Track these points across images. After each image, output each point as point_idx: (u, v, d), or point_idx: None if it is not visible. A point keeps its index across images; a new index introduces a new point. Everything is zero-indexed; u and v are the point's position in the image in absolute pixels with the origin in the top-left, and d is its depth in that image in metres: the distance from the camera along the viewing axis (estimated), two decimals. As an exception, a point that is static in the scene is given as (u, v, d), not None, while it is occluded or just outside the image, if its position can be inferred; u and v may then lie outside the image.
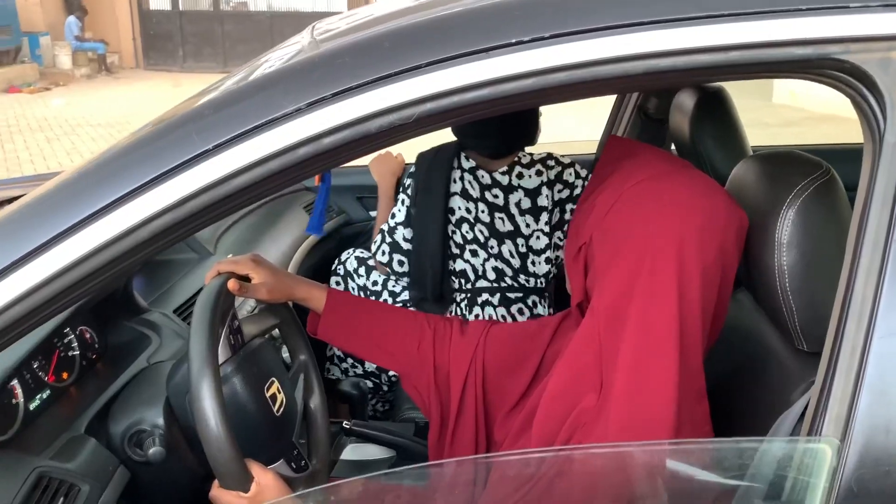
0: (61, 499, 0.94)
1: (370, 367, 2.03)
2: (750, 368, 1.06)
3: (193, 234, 0.80)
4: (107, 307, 1.36)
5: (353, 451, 1.56)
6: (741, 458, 0.75)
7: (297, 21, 14.71)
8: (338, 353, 2.08)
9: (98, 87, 12.65)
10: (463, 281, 1.84)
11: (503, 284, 1.83)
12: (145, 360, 1.29)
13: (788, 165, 0.95)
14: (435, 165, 1.83)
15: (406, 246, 1.89)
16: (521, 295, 1.84)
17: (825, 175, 0.91)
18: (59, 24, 13.76)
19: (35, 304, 0.73)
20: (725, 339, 1.16)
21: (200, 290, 1.55)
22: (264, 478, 0.99)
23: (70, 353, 1.26)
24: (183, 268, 1.62)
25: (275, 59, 0.92)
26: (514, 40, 0.72)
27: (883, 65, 0.70)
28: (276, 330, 1.26)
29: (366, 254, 2.05)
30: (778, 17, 0.71)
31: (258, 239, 1.97)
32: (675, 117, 1.81)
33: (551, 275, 1.88)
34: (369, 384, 1.99)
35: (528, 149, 1.88)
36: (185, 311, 1.47)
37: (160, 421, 1.09)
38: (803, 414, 0.80)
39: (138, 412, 1.10)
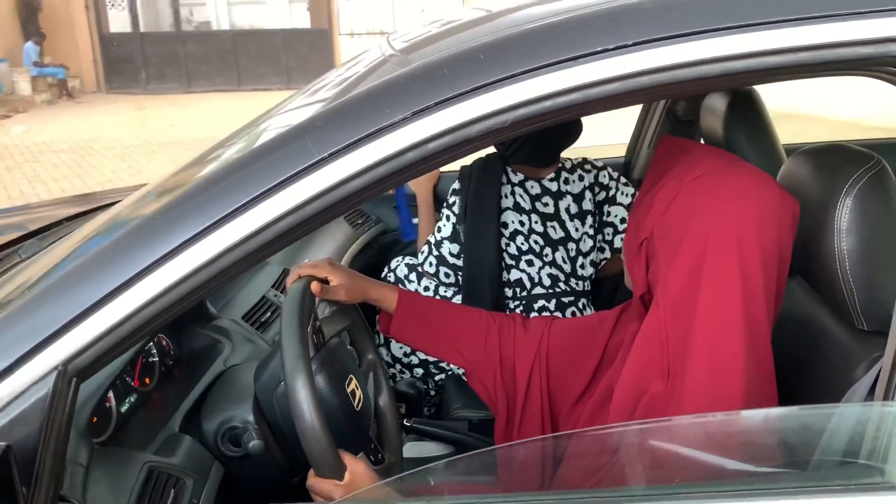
0: (172, 490, 1.00)
1: (417, 372, 2.09)
2: (809, 351, 1.12)
3: (309, 234, 0.86)
4: (181, 316, 1.42)
5: (411, 449, 1.62)
6: (820, 425, 0.81)
7: (261, 39, 14.74)
8: (385, 358, 2.14)
9: (59, 112, 12.58)
10: (518, 289, 1.89)
11: (557, 290, 1.88)
12: (222, 363, 1.35)
13: (843, 158, 1.01)
14: (484, 181, 1.87)
15: (452, 260, 1.94)
16: (572, 298, 1.90)
17: (877, 166, 0.98)
18: (17, 49, 13.69)
19: (172, 301, 0.80)
20: (781, 325, 1.22)
21: (263, 297, 1.63)
22: (356, 466, 1.05)
23: (150, 360, 1.33)
24: (243, 276, 1.69)
25: (356, 74, 0.99)
26: (599, 48, 0.79)
27: (941, 61, 0.76)
28: (346, 332, 1.33)
29: (415, 260, 2.10)
30: (842, 19, 0.77)
31: (304, 248, 2.04)
32: (707, 119, 1.88)
33: (593, 276, 1.94)
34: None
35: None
36: (251, 317, 1.54)
37: (250, 417, 1.15)
38: (873, 387, 0.87)
39: (229, 410, 1.17)
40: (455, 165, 2.48)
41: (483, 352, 1.27)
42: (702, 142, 2.00)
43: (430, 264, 1.98)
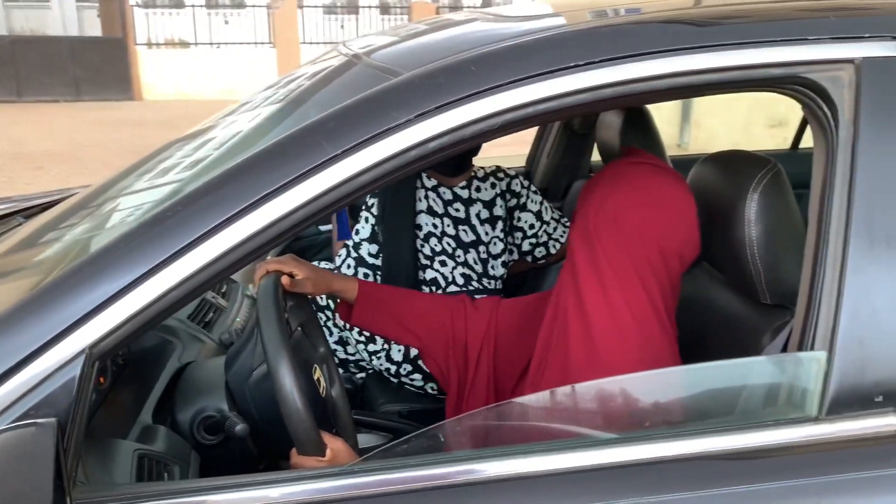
0: (165, 475, 1.04)
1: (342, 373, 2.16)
2: (717, 327, 1.32)
3: (318, 224, 0.95)
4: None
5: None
6: (742, 377, 0.99)
7: (45, 47, 13.50)
8: None
9: None
10: (434, 287, 2.01)
11: (470, 288, 2.02)
12: (177, 360, 1.39)
13: (746, 162, 1.21)
14: (400, 187, 1.98)
15: (371, 260, 2.03)
16: (485, 297, 2.04)
17: (775, 168, 1.18)
18: None
19: (193, 287, 0.86)
20: (689, 308, 1.42)
21: (203, 299, 1.66)
22: (335, 443, 1.13)
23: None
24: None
25: (312, 80, 1.09)
26: (572, 64, 0.93)
27: (833, 81, 0.96)
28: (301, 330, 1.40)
29: (330, 265, 2.18)
30: (761, 46, 0.96)
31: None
32: (603, 132, 2.09)
33: (504, 276, 2.09)
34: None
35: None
36: (196, 317, 1.57)
37: (224, 406, 1.20)
38: (784, 348, 1.06)
39: (201, 401, 1.21)
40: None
41: (436, 332, 1.39)
42: (595, 152, 2.21)
43: (348, 266, 2.05)
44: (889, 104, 0.95)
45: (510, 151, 2.69)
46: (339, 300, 1.42)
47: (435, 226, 2.01)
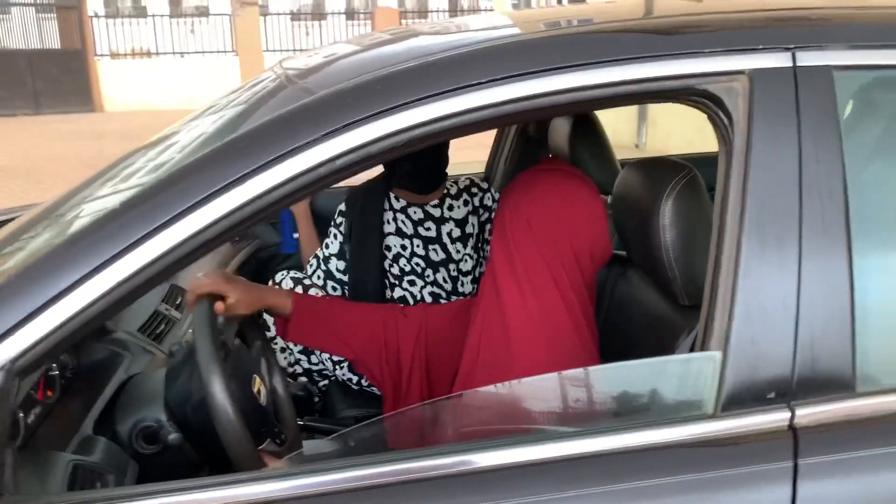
0: (98, 484, 1.08)
1: (302, 380, 2.18)
2: (646, 328, 1.36)
3: (242, 234, 0.99)
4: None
5: (307, 447, 1.74)
6: (648, 377, 1.03)
7: (2, 59, 13.13)
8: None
9: None
10: (402, 305, 2.04)
11: None
12: (124, 372, 1.42)
13: (663, 168, 1.26)
14: (368, 208, 2.00)
15: (339, 276, 2.05)
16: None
17: (690, 174, 1.23)
18: None
19: (110, 303, 0.90)
20: (622, 309, 1.46)
21: (156, 311, 1.70)
22: (275, 464, 1.18)
23: (51, 374, 1.37)
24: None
25: (255, 97, 1.13)
26: (474, 82, 0.97)
27: (727, 91, 1.01)
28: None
29: (300, 274, 2.18)
30: (657, 60, 1.00)
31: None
32: (554, 138, 2.14)
33: (474, 292, 2.12)
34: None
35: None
36: (147, 329, 1.61)
37: (163, 417, 1.24)
38: (692, 348, 1.10)
39: (140, 412, 1.25)
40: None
41: (369, 342, 1.43)
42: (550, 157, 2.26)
43: (318, 277, 2.08)
44: (779, 113, 0.99)
45: (468, 156, 2.73)
46: (276, 315, 1.45)
47: (404, 247, 2.02)
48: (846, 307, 0.97)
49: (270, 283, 2.23)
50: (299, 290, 2.14)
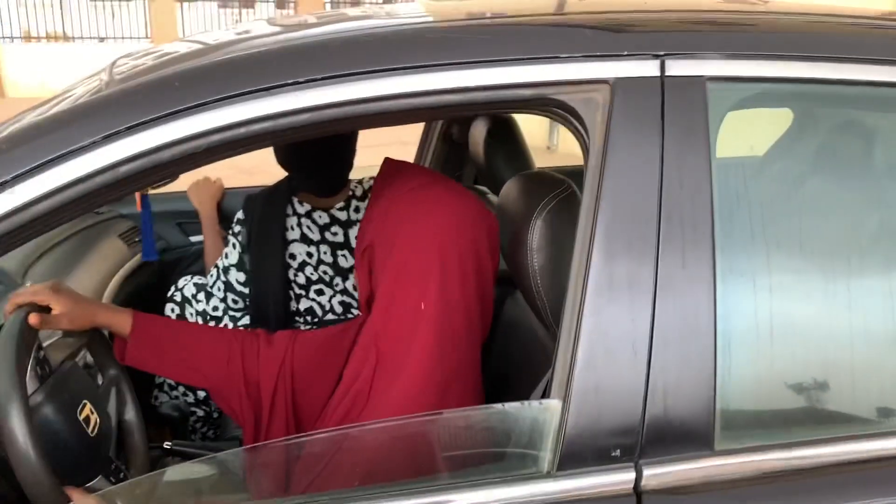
0: None
1: (202, 394, 2.05)
2: (526, 354, 1.24)
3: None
4: None
5: (176, 471, 1.60)
6: (498, 422, 0.91)
7: None
8: (169, 381, 2.07)
9: None
10: (310, 317, 1.89)
11: (350, 316, 1.91)
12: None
13: (539, 183, 1.13)
14: (268, 214, 1.85)
15: (239, 288, 1.92)
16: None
17: (567, 190, 1.10)
18: None
19: None
20: (508, 333, 1.34)
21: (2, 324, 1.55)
22: (83, 500, 1.03)
23: None
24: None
25: (77, 93, 0.99)
26: (290, 81, 0.84)
27: (585, 103, 0.88)
28: (86, 350, 1.30)
29: (203, 280, 2.05)
30: (508, 65, 0.87)
31: (71, 268, 1.94)
32: (472, 142, 2.01)
33: None
34: (200, 412, 2.01)
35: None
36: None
37: (-34, 448, 1.10)
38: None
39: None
40: (238, 183, 2.48)
41: (225, 371, 1.29)
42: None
43: (218, 289, 1.94)
44: (641, 129, 0.87)
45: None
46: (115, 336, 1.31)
47: (310, 254, 1.88)
48: (708, 352, 0.85)
49: (173, 288, 2.09)
50: (202, 296, 2.01)
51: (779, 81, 0.92)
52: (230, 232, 1.95)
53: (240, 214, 1.93)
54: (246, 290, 1.92)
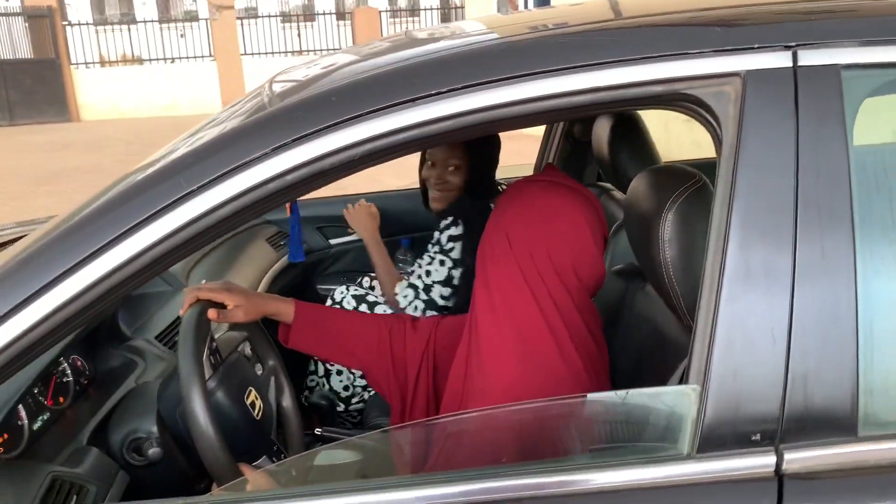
0: (74, 497, 1.09)
1: (337, 388, 2.17)
2: (656, 348, 1.26)
3: (182, 260, 0.97)
4: (95, 337, 1.51)
5: (324, 456, 1.72)
6: (636, 406, 0.95)
7: None
8: (326, 392, 2.17)
9: None
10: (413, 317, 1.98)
11: None
12: (133, 380, 1.44)
13: (670, 176, 1.15)
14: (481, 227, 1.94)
15: (442, 303, 1.96)
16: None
17: (698, 183, 1.12)
18: None
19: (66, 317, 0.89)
20: (638, 327, 1.37)
21: (178, 318, 1.72)
22: (255, 476, 1.16)
23: (65, 380, 1.41)
24: (160, 299, 1.78)
25: (241, 110, 1.11)
26: (434, 91, 0.91)
27: (717, 96, 0.91)
28: (248, 343, 1.43)
29: (361, 291, 2.14)
30: (639, 63, 0.91)
31: (225, 271, 2.12)
32: (596, 140, 2.03)
33: None
34: (355, 399, 2.15)
35: None
36: (165, 337, 1.63)
37: (154, 429, 1.24)
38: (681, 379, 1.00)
39: (133, 423, 1.26)
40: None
41: (376, 353, 1.39)
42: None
43: (416, 308, 1.98)
44: (775, 122, 0.88)
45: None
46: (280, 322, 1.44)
47: None
48: (849, 337, 0.85)
49: (330, 300, 2.16)
50: (364, 307, 2.09)
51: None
52: (438, 249, 1.99)
53: (454, 231, 1.97)
54: (449, 304, 1.95)
